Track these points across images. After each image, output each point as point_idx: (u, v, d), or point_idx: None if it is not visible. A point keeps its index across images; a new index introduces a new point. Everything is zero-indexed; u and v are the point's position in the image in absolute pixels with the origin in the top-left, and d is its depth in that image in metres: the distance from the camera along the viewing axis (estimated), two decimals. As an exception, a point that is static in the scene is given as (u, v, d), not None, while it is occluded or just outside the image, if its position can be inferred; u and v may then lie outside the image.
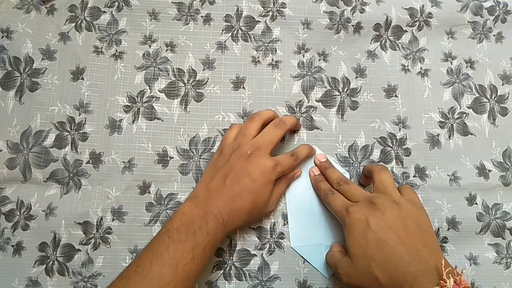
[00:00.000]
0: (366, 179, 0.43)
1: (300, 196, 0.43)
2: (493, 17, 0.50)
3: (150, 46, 0.46)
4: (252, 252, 0.42)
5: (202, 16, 0.47)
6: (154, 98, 0.45)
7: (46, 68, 0.44)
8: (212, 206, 0.38)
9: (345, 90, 0.47)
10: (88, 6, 0.46)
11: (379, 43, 0.48)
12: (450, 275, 0.32)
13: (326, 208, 0.43)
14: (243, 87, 0.46)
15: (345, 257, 0.37)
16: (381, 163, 0.45)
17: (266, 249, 0.43)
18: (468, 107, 0.48)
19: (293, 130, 0.45)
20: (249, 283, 0.42)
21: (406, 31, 0.49)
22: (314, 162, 0.44)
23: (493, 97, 0.48)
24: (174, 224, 0.36)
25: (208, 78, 0.46)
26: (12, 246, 0.41)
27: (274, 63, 0.47)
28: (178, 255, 0.34)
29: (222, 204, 0.38)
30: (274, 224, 0.43)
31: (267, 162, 0.39)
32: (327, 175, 0.42)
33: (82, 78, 0.45)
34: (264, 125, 0.42)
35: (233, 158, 0.40)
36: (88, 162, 0.43)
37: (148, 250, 0.36)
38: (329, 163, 0.44)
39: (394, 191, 0.38)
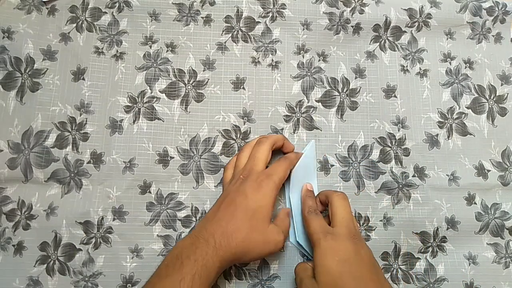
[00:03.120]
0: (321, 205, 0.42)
1: (300, 193, 0.43)
2: (492, 18, 0.50)
3: (150, 46, 0.46)
4: (252, 252, 0.43)
5: (202, 17, 0.47)
6: (155, 99, 0.45)
7: (47, 69, 0.45)
8: (204, 231, 0.36)
9: (344, 91, 0.47)
10: (89, 7, 0.47)
11: (378, 43, 0.49)
12: None
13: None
14: (243, 88, 0.46)
15: (313, 280, 0.35)
16: (381, 162, 0.45)
17: None
18: (467, 107, 0.48)
19: (294, 130, 0.46)
20: (249, 282, 0.42)
21: (405, 31, 0.49)
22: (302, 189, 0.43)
23: (492, 98, 0.48)
24: (165, 261, 0.35)
25: (208, 79, 0.46)
26: (13, 245, 0.41)
27: (274, 64, 0.47)
28: None
29: (214, 227, 0.36)
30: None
31: (261, 175, 0.38)
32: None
33: (83, 79, 0.45)
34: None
35: (229, 187, 0.39)
36: (89, 162, 0.43)
37: None
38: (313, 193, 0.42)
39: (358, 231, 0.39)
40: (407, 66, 0.48)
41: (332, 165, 0.45)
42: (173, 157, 0.44)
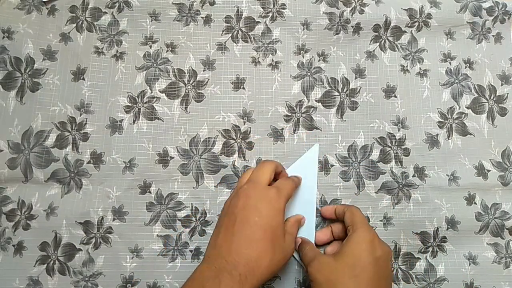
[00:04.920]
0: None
1: (295, 199, 0.43)
2: (492, 18, 0.50)
3: (150, 46, 0.46)
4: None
5: (202, 17, 0.47)
6: (155, 99, 0.45)
7: (47, 69, 0.45)
8: (225, 262, 0.33)
9: (344, 91, 0.47)
10: (89, 7, 0.47)
11: (378, 43, 0.49)
12: None
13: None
14: (243, 88, 0.46)
15: (329, 257, 0.36)
16: (381, 162, 0.45)
17: None
18: (467, 107, 0.48)
19: (294, 130, 0.46)
20: (249, 282, 0.42)
21: (405, 31, 0.49)
22: None
23: (492, 97, 0.48)
24: None
25: (208, 79, 0.46)
26: (13, 245, 0.41)
27: (274, 64, 0.47)
28: None
29: (235, 256, 0.33)
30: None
31: (268, 191, 0.36)
32: None
33: (83, 79, 0.45)
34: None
35: (233, 202, 0.36)
36: (89, 162, 0.43)
37: None
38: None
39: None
40: (407, 66, 0.48)
41: (332, 165, 0.45)
42: (173, 157, 0.44)
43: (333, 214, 0.42)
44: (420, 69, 0.48)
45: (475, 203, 0.45)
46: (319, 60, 0.48)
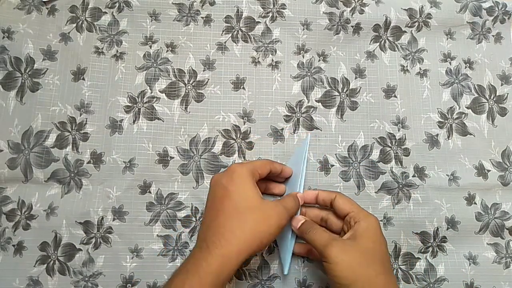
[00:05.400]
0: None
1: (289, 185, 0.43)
2: (492, 18, 0.50)
3: (150, 46, 0.46)
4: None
5: (202, 17, 0.47)
6: (155, 99, 0.45)
7: (47, 69, 0.45)
8: (198, 242, 0.35)
9: (344, 91, 0.47)
10: (89, 7, 0.47)
11: (378, 43, 0.49)
12: None
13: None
14: (243, 88, 0.46)
15: (348, 241, 0.35)
16: (381, 162, 0.45)
17: (265, 248, 0.43)
18: (467, 107, 0.48)
19: (294, 130, 0.46)
20: (249, 282, 0.42)
21: (405, 31, 0.49)
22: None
23: (492, 97, 0.48)
24: None
25: (208, 79, 0.46)
26: (13, 245, 0.41)
27: (274, 64, 0.47)
28: None
29: (206, 231, 0.34)
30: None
31: (230, 167, 0.37)
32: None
33: (83, 79, 0.45)
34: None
35: (207, 197, 0.38)
36: (89, 162, 0.43)
37: None
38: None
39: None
40: (407, 66, 0.48)
41: (332, 165, 0.45)
42: (173, 157, 0.44)
43: (313, 199, 0.40)
44: (420, 69, 0.48)
45: (475, 203, 0.45)
46: (319, 60, 0.48)
